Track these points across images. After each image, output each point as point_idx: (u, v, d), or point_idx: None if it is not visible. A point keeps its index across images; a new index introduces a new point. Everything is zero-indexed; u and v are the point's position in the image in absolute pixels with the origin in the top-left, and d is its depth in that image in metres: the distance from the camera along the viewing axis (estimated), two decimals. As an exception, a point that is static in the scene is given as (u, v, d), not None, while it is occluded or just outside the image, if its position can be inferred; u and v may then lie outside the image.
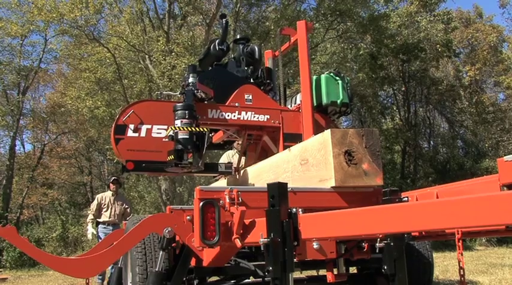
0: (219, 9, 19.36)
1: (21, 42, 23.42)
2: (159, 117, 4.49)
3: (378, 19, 21.17)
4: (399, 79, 25.69)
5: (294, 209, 2.37)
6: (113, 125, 4.44)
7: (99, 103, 17.78)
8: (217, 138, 5.31)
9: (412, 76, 25.67)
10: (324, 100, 4.98)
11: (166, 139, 4.22)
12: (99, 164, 31.39)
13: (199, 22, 21.13)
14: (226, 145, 5.86)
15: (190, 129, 4.14)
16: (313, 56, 19.77)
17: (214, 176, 5.97)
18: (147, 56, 17.61)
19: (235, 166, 5.13)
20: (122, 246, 3.55)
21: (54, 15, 16.73)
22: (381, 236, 2.79)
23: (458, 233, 2.83)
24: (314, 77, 5.07)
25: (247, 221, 2.76)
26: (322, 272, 4.70)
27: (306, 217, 2.35)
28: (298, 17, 18.72)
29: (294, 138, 4.72)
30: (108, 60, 18.06)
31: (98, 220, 9.47)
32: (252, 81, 5.18)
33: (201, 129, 4.22)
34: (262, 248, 2.43)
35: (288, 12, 19.74)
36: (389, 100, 27.86)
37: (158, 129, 4.45)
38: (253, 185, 4.28)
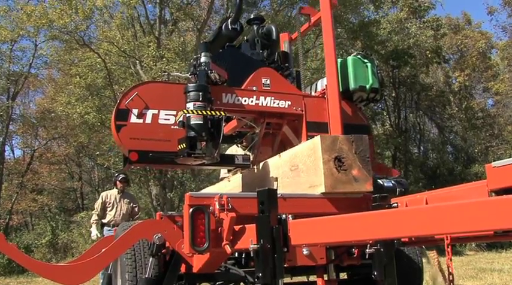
0: (209, 15, 19.40)
1: (10, 47, 23.27)
2: (167, 100, 3.96)
3: (368, 25, 21.32)
4: (389, 85, 25.80)
5: (284, 215, 2.37)
6: (114, 109, 3.92)
7: (90, 108, 17.71)
8: (229, 128, 4.70)
9: (402, 82, 25.79)
10: (352, 85, 4.44)
11: (176, 127, 3.70)
12: (89, 169, 31.25)
13: (190, 28, 21.17)
14: (237, 138, 5.21)
15: (205, 113, 3.59)
16: (304, 62, 19.81)
17: (229, 170, 5.41)
18: (137, 62, 17.59)
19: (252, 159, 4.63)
20: (111, 252, 3.54)
21: (43, 21, 16.68)
22: (370, 242, 2.79)
23: (447, 239, 2.84)
24: (339, 60, 4.54)
25: (237, 228, 2.76)
26: (312, 278, 4.70)
27: (296, 223, 2.36)
28: (289, 23, 18.79)
29: (319, 127, 4.25)
30: (98, 66, 18.02)
31: (102, 221, 8.75)
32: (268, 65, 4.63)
33: (218, 113, 3.68)
34: (252, 254, 2.43)
35: (279, 17, 19.81)
36: (380, 105, 27.95)
37: (166, 114, 3.91)
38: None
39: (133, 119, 3.83)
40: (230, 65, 4.26)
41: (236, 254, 4.33)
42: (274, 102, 4.24)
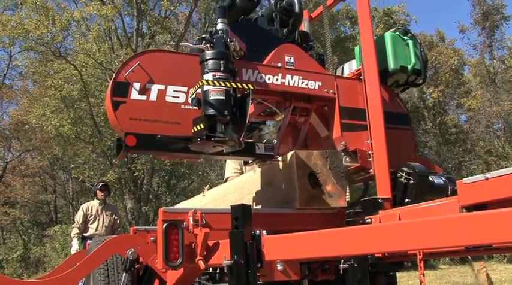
0: (187, 29, 19.41)
1: (-16, 57, 23.03)
2: (176, 74, 3.23)
3: (344, 41, 21.58)
4: (365, 100, 26.04)
5: (258, 231, 2.37)
6: (110, 83, 3.21)
7: (65, 121, 17.52)
8: None
9: (377, 97, 26.05)
10: (391, 65, 3.86)
11: (188, 106, 3.09)
12: (63, 182, 30.79)
13: (167, 41, 21.15)
14: (247, 132, 4.32)
15: (229, 85, 2.91)
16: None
17: (246, 163, 4.44)
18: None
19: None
20: (84, 267, 3.49)
21: (19, 32, 16.51)
22: (344, 257, 2.80)
23: (420, 254, 2.87)
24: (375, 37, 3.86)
25: (210, 243, 2.75)
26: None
27: (270, 239, 2.36)
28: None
29: (354, 114, 3.71)
30: (74, 78, 17.87)
31: (84, 234, 8.24)
32: None
33: (245, 86, 3.02)
34: (225, 270, 2.42)
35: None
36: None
37: (175, 91, 3.18)
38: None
39: (134, 95, 3.11)
40: (246, 39, 3.52)
41: (210, 269, 4.30)
42: (302, 82, 3.59)
